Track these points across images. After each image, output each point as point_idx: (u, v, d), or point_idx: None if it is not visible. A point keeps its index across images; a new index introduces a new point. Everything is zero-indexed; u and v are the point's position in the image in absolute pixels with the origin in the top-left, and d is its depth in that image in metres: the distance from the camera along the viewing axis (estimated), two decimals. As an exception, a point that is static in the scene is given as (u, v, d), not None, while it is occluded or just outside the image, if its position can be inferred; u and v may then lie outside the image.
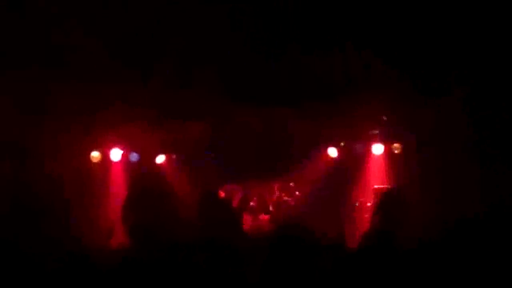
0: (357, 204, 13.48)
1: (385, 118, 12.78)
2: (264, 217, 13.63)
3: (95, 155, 13.42)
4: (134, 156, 13.70)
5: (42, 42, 10.68)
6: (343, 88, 11.33)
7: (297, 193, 13.96)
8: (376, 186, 12.70)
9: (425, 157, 12.27)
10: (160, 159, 13.96)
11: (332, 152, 13.82)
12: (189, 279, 5.71)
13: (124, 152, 13.57)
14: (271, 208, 13.77)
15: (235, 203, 13.41)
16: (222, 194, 13.23)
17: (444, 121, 11.51)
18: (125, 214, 12.48)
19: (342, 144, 13.89)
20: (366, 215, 13.00)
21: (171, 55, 11.30)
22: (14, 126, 11.35)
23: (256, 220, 13.49)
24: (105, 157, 13.49)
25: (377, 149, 13.50)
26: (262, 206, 13.78)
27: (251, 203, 13.74)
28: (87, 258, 5.77)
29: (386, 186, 12.18)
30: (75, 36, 10.65)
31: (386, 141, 13.48)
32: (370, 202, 12.89)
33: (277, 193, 14.03)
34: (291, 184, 14.06)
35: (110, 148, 13.47)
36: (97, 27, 10.54)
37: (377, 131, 13.38)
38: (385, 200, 9.55)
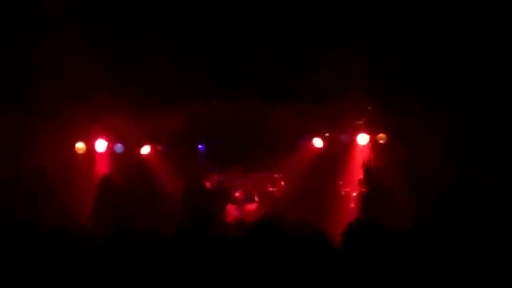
0: (342, 194, 13.53)
1: (370, 108, 12.80)
2: (250, 207, 13.64)
3: (80, 146, 13.37)
4: (119, 147, 13.65)
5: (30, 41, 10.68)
6: (329, 80, 11.37)
7: (282, 183, 13.97)
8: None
9: (410, 147, 12.34)
10: (145, 150, 13.91)
11: (318, 142, 13.83)
12: (167, 268, 5.75)
13: (109, 143, 13.52)
14: (256, 198, 13.77)
15: (219, 193, 13.43)
16: (207, 184, 13.24)
17: (428, 112, 11.59)
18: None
19: (327, 134, 13.89)
20: (352, 205, 13.06)
21: (156, 46, 11.28)
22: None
23: (241, 211, 13.50)
24: (90, 148, 13.45)
25: (362, 139, 13.52)
26: (248, 196, 13.79)
27: (237, 194, 13.74)
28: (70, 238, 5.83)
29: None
30: (60, 34, 10.65)
31: (371, 131, 13.51)
32: (355, 192, 12.94)
33: (262, 183, 14.02)
34: (276, 175, 14.07)
35: (95, 139, 13.41)
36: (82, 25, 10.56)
37: (362, 121, 13.39)
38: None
